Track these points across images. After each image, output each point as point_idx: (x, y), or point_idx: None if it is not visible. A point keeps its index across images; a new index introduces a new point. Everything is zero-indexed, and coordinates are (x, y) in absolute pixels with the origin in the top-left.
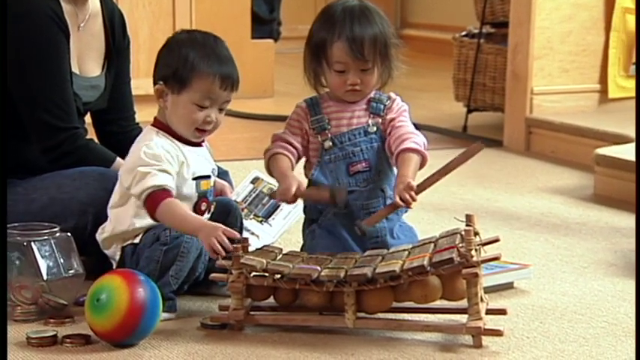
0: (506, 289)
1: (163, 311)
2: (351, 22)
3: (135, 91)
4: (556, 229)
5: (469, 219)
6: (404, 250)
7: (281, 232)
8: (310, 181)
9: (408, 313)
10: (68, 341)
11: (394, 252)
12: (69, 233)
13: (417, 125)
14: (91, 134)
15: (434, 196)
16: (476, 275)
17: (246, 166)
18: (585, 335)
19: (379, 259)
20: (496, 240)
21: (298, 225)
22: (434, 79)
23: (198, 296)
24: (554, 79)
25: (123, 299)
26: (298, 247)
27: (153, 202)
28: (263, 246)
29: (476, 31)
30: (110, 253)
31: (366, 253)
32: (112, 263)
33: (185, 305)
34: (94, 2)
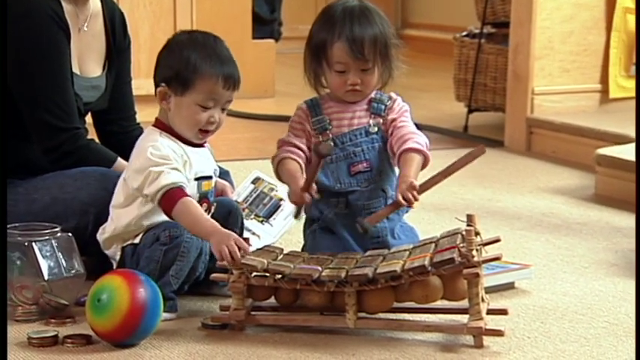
0: (507, 289)
1: (164, 311)
2: (351, 22)
3: (136, 91)
4: (557, 229)
5: (470, 219)
6: (405, 250)
7: (282, 232)
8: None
9: (408, 314)
10: (69, 341)
11: (395, 252)
12: (70, 233)
13: (418, 125)
14: (92, 134)
15: (435, 196)
16: (477, 275)
17: (247, 166)
18: (586, 335)
19: (380, 259)
20: (497, 240)
21: (299, 225)
22: (435, 79)
23: (199, 296)
24: (555, 79)
25: (124, 299)
26: (299, 248)
27: (169, 200)
28: (264, 246)
29: (477, 31)
30: (110, 253)
31: (367, 253)
32: (112, 263)
33: (186, 305)
34: (95, 2)
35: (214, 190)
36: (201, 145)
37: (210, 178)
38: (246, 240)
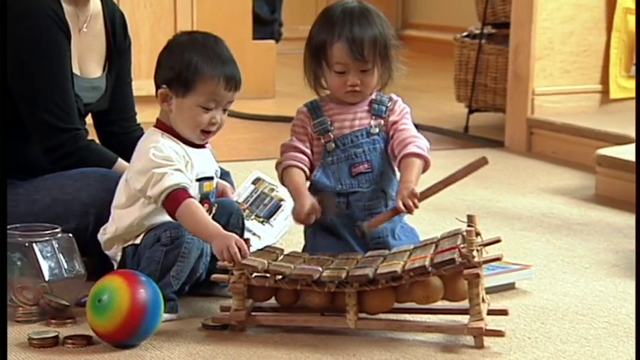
0: (507, 289)
1: (165, 312)
2: (350, 23)
3: (136, 92)
4: (557, 229)
5: (470, 219)
6: (405, 250)
7: (282, 233)
8: (312, 182)
9: (409, 314)
10: (70, 342)
11: (396, 253)
12: (70, 234)
13: (418, 126)
14: (92, 135)
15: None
16: (477, 276)
17: (248, 166)
18: (587, 336)
19: (380, 259)
20: (497, 240)
21: (299, 225)
22: (435, 79)
23: (199, 297)
24: (556, 80)
25: (124, 300)
26: (300, 248)
27: (173, 201)
28: (264, 247)
29: (477, 31)
30: (111, 254)
31: (368, 254)
32: (113, 264)
33: (186, 306)
34: (95, 3)
35: (215, 191)
36: (202, 145)
37: (211, 178)
38: (247, 241)
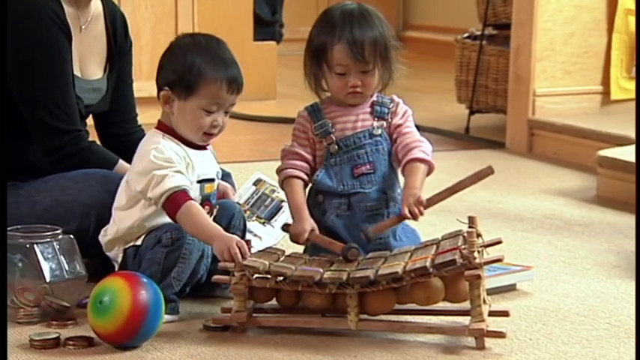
0: (508, 290)
1: (166, 313)
2: (350, 24)
3: (137, 93)
4: (559, 230)
5: (472, 221)
6: (406, 251)
7: (283, 234)
8: (315, 182)
9: (410, 315)
10: (71, 343)
11: (397, 254)
12: (72, 235)
13: (418, 127)
14: (93, 136)
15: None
16: (478, 277)
17: (249, 168)
18: (588, 337)
19: (381, 261)
20: (499, 242)
21: None
22: (436, 80)
23: (200, 298)
24: (557, 81)
25: (125, 301)
26: (301, 249)
27: (173, 203)
28: (265, 248)
29: (478, 32)
30: (112, 255)
31: (369, 255)
32: (114, 265)
33: (187, 307)
34: (96, 4)
35: (217, 192)
36: (203, 147)
37: (212, 180)
38: (248, 242)
